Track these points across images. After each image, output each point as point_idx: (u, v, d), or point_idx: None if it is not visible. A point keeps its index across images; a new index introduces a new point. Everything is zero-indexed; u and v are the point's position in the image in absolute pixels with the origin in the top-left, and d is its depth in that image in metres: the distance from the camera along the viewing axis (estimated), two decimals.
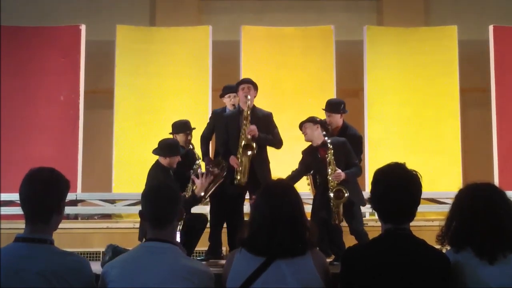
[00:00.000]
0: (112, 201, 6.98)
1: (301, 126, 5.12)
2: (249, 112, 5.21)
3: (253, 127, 5.14)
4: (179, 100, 7.53)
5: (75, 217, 6.83)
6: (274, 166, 5.45)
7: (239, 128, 5.24)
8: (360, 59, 7.78)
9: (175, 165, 5.03)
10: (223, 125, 5.39)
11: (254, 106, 5.36)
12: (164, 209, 2.45)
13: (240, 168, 5.12)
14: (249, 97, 5.24)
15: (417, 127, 7.55)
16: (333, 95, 7.29)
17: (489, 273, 2.28)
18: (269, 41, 7.86)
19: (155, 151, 5.05)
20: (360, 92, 7.88)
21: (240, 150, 5.15)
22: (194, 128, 5.52)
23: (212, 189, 5.18)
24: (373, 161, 7.32)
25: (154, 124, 7.48)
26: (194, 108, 7.42)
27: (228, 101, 5.60)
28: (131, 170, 7.04)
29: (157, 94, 7.62)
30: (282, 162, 5.71)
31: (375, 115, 7.63)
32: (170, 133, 5.48)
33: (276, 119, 5.46)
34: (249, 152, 5.11)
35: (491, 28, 7.66)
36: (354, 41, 7.96)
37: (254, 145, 5.11)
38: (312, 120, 5.08)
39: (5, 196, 6.58)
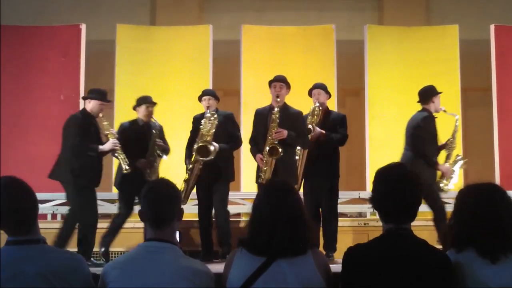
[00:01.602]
0: (112, 201, 6.96)
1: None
2: (278, 114, 5.19)
3: (282, 130, 5.13)
4: (180, 99, 7.52)
5: None
6: None
7: (266, 126, 5.24)
8: (361, 58, 7.77)
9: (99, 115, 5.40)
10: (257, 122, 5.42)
11: (285, 104, 5.35)
12: (163, 209, 2.44)
13: (265, 168, 5.12)
14: (278, 99, 5.23)
15: None
16: (333, 94, 7.28)
17: (491, 274, 2.26)
18: (270, 40, 7.85)
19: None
20: (361, 91, 7.87)
21: (266, 150, 5.14)
22: (155, 103, 5.84)
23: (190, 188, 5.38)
24: (373, 160, 7.32)
25: None
26: (194, 107, 7.40)
27: (204, 104, 5.65)
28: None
29: (158, 93, 7.56)
30: None
31: (376, 114, 7.62)
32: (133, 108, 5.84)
33: None
34: (275, 157, 5.11)
35: (492, 27, 7.65)
36: (355, 40, 7.95)
37: (280, 150, 5.08)
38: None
39: None
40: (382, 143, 7.47)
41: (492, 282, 2.25)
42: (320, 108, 5.39)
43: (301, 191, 5.40)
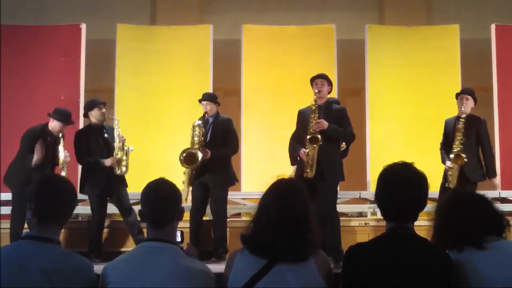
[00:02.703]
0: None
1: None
2: (316, 106, 5.25)
3: (322, 120, 5.18)
4: (180, 99, 7.52)
5: (75, 216, 6.81)
6: (275, 164, 5.45)
7: (308, 124, 5.28)
8: (362, 58, 7.76)
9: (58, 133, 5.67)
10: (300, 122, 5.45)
11: (327, 100, 5.40)
12: (163, 208, 2.43)
13: (310, 162, 5.13)
14: (317, 91, 5.30)
15: (418, 126, 7.53)
16: (334, 94, 7.25)
17: (492, 272, 2.27)
18: (270, 40, 7.85)
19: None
20: (361, 91, 7.86)
21: (306, 143, 5.17)
22: (105, 103, 5.92)
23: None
24: (374, 160, 7.32)
25: (154, 123, 7.48)
26: (194, 107, 7.39)
27: (202, 109, 5.74)
28: (132, 169, 7.01)
29: (158, 93, 7.61)
30: (283, 160, 5.70)
31: (377, 114, 7.61)
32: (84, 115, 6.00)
33: (277, 118, 5.47)
34: (315, 145, 5.13)
35: (493, 27, 7.64)
36: (356, 40, 7.94)
37: (320, 137, 5.12)
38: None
39: (5, 196, 6.56)
40: (383, 143, 7.46)
41: (495, 281, 2.25)
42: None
43: None
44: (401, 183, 2.35)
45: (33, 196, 2.43)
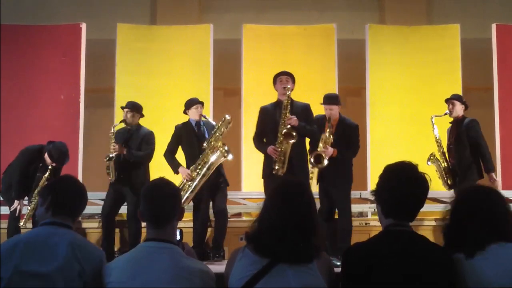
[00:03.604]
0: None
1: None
2: (289, 101, 5.24)
3: (294, 116, 5.18)
4: (180, 99, 7.45)
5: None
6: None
7: (274, 120, 5.26)
8: (362, 58, 7.75)
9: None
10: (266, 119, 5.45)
11: (291, 98, 5.38)
12: (163, 208, 2.43)
13: (282, 158, 5.11)
14: (288, 86, 5.31)
15: (419, 126, 7.50)
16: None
17: (490, 271, 2.27)
18: (271, 39, 7.83)
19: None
20: (362, 91, 7.85)
21: (280, 139, 5.14)
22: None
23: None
24: (375, 160, 7.31)
25: (155, 123, 7.44)
26: None
27: (196, 112, 5.80)
28: None
29: (158, 93, 7.60)
30: None
31: (377, 114, 7.60)
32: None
33: None
34: (291, 140, 5.11)
35: (493, 26, 7.62)
36: (356, 39, 7.93)
37: (294, 133, 5.12)
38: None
39: None
40: (383, 143, 7.45)
41: (493, 279, 2.25)
42: (329, 135, 5.38)
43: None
44: (406, 179, 2.36)
45: (48, 191, 2.62)
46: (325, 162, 5.15)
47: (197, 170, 5.50)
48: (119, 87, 7.54)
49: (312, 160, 5.20)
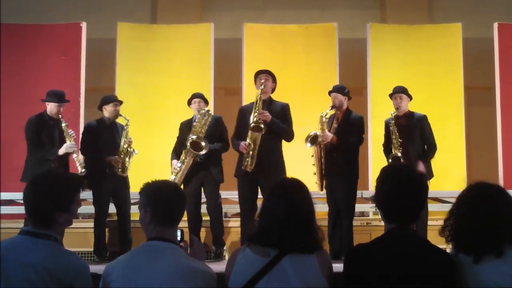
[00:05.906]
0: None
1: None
2: (261, 96, 5.26)
3: (266, 111, 5.19)
4: (181, 98, 7.45)
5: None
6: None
7: (248, 119, 5.27)
8: (363, 57, 7.74)
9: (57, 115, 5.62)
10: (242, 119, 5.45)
11: (271, 97, 5.43)
12: (170, 210, 2.45)
13: (251, 153, 5.09)
14: (263, 80, 5.33)
15: None
16: None
17: (493, 273, 2.25)
18: (272, 38, 7.83)
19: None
20: (363, 90, 7.84)
21: (249, 133, 5.11)
22: (121, 102, 5.86)
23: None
24: (376, 159, 7.28)
25: (155, 122, 7.46)
26: None
27: (195, 107, 5.76)
28: (131, 168, 7.00)
29: (159, 92, 7.59)
30: (286, 159, 5.67)
31: (378, 113, 7.56)
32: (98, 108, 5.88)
33: None
34: (257, 133, 5.09)
35: (495, 25, 7.62)
36: (357, 39, 7.92)
37: (262, 126, 5.10)
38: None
39: (6, 195, 6.56)
40: None
41: (496, 283, 2.24)
42: (326, 117, 5.40)
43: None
44: (406, 183, 2.34)
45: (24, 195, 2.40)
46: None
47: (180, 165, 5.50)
48: (119, 87, 7.53)
49: (309, 140, 5.28)
